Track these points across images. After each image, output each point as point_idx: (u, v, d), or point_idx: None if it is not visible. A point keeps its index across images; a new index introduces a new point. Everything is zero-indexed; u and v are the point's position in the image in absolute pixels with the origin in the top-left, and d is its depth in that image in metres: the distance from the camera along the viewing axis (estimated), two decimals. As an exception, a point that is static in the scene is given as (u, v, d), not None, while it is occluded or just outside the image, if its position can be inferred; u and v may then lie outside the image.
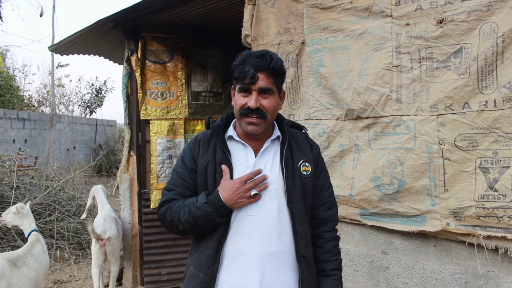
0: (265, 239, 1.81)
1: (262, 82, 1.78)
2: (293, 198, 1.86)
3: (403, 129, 2.82)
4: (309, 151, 1.98)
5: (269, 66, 1.78)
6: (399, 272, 2.96)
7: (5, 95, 14.62)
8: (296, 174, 1.89)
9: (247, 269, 1.80)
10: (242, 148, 1.91)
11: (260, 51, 1.82)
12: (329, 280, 1.95)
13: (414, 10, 2.74)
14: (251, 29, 3.62)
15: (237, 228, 1.82)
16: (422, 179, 2.75)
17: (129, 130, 5.24)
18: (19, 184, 7.08)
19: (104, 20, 4.75)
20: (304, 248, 1.88)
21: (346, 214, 3.16)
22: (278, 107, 1.90)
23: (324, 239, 1.99)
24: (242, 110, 1.80)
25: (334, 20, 3.13)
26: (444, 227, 2.68)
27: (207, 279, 1.81)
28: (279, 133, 1.95)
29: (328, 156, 3.21)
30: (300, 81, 3.37)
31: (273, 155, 1.91)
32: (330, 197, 2.04)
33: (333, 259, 1.98)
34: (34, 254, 3.99)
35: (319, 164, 2.02)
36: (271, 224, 1.83)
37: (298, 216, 1.87)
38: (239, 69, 1.79)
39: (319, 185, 1.99)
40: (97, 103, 19.11)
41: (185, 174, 1.91)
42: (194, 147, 1.94)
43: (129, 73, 5.16)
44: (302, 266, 1.87)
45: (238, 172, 1.85)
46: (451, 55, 2.61)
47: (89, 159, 15.14)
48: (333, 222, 2.03)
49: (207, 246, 1.84)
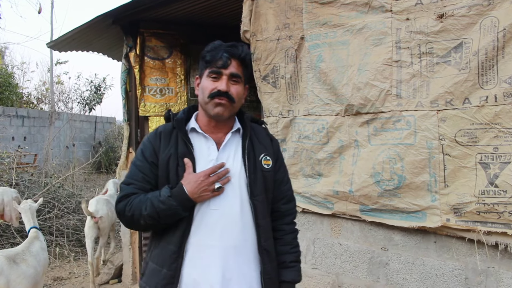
0: (228, 233, 1.82)
1: (233, 68, 1.82)
2: (255, 192, 1.87)
3: (403, 124, 2.80)
4: (269, 145, 2.00)
5: (240, 55, 1.84)
6: (399, 268, 2.95)
7: (4, 93, 14.59)
8: (258, 167, 1.91)
9: (210, 263, 1.80)
10: (204, 141, 1.91)
11: (232, 42, 1.87)
12: (289, 272, 1.98)
13: (414, 4, 2.72)
14: (250, 24, 3.60)
15: (200, 222, 1.82)
16: (422, 175, 2.73)
17: (128, 127, 5.22)
18: (18, 181, 7.09)
19: (102, 16, 4.72)
20: (266, 241, 1.90)
21: (345, 210, 3.15)
22: (243, 98, 1.93)
23: (283, 232, 2.02)
24: (212, 93, 1.82)
25: (334, 15, 3.10)
26: (444, 223, 2.67)
27: (170, 274, 1.80)
28: (239, 126, 1.96)
29: (327, 152, 3.20)
30: (299, 77, 3.35)
31: (235, 148, 1.92)
32: (289, 191, 2.08)
33: (292, 251, 2.01)
34: (33, 251, 3.98)
35: (279, 159, 2.05)
36: (233, 217, 1.84)
37: (260, 209, 1.89)
38: (211, 54, 1.83)
39: (278, 178, 2.01)
40: (96, 100, 19.08)
41: (146, 167, 1.87)
42: (154, 140, 1.91)
43: (128, 70, 5.14)
44: (264, 258, 1.88)
45: (201, 165, 1.84)
46: (452, 50, 2.59)
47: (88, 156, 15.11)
48: (291, 215, 2.07)
49: (170, 241, 1.82)
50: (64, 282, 5.66)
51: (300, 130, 3.35)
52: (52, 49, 6.12)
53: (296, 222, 2.11)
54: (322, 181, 3.25)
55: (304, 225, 3.48)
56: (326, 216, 3.34)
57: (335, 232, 3.31)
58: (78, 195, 7.87)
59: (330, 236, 3.34)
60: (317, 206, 3.33)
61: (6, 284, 3.63)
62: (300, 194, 3.39)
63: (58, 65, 17.34)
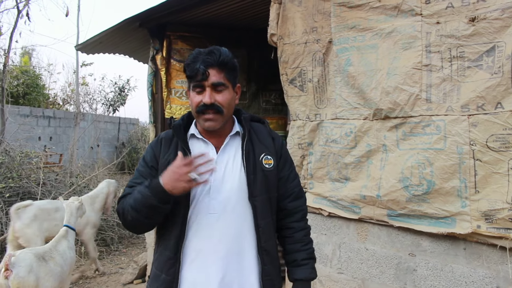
0: (227, 236, 1.82)
1: (214, 77, 1.80)
2: (254, 192, 1.86)
3: (433, 129, 2.77)
4: (271, 144, 1.98)
5: (218, 60, 1.80)
6: (427, 274, 2.91)
7: (31, 93, 14.91)
8: (258, 168, 1.89)
9: (210, 266, 1.81)
10: (203, 146, 1.91)
11: (209, 48, 1.84)
12: (301, 270, 1.96)
13: (445, 8, 2.69)
14: (277, 28, 3.61)
15: (198, 226, 1.83)
16: (452, 180, 2.70)
17: (153, 129, 5.28)
18: (45, 180, 7.20)
19: (130, 19, 4.79)
20: (266, 242, 1.89)
21: (373, 215, 3.13)
22: (234, 101, 1.92)
23: (293, 229, 2.00)
24: (198, 107, 1.82)
25: (362, 19, 3.09)
26: (474, 230, 2.63)
27: (169, 280, 1.82)
28: (238, 129, 1.96)
29: (355, 156, 3.18)
30: (327, 80, 3.34)
31: (235, 150, 1.92)
32: (296, 188, 2.04)
33: (304, 249, 1.98)
34: (60, 250, 4.06)
35: (283, 156, 2.02)
36: (231, 220, 1.84)
37: (260, 210, 1.87)
38: (190, 68, 1.81)
39: (283, 176, 1.99)
40: (120, 101, 19.33)
41: (146, 171, 1.91)
42: (156, 146, 1.95)
43: (154, 72, 5.20)
44: (264, 259, 1.87)
45: None
46: (484, 54, 2.55)
47: (112, 156, 15.32)
48: (301, 212, 2.04)
49: (166, 247, 1.85)
50: (89, 281, 5.73)
51: (328, 134, 3.34)
52: (80, 51, 6.23)
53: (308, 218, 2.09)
54: (349, 185, 3.24)
55: (330, 229, 3.46)
56: (353, 221, 3.32)
57: (362, 236, 3.29)
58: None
59: (357, 240, 3.32)
60: (344, 210, 3.31)
61: (36, 281, 3.70)
62: (326, 198, 3.38)
63: (84, 66, 17.61)
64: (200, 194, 1.84)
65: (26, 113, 13.12)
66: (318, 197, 3.47)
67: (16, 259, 3.65)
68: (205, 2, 4.30)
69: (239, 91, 1.97)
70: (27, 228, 4.90)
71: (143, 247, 6.91)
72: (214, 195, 1.84)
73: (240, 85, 1.98)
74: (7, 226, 5.92)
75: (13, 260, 3.63)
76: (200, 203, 1.84)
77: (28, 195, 6.80)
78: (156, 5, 4.50)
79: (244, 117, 1.98)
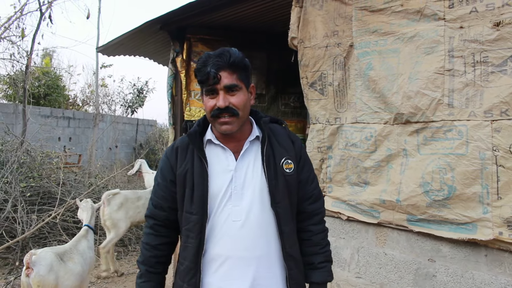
0: (251, 243, 1.80)
1: (226, 80, 1.76)
2: (277, 198, 1.83)
3: (455, 134, 2.75)
4: (290, 147, 1.94)
5: (229, 62, 1.76)
6: (447, 280, 2.89)
7: (52, 94, 15.14)
8: (279, 173, 1.86)
9: (236, 274, 1.79)
10: (221, 152, 1.89)
11: (219, 50, 1.81)
12: (318, 273, 1.94)
13: (469, 12, 2.67)
14: (298, 31, 3.62)
15: (222, 235, 1.81)
16: (474, 186, 2.67)
17: (173, 131, 5.32)
18: (65, 180, 7.30)
19: (151, 21, 4.85)
20: (291, 248, 1.87)
21: (392, 220, 3.11)
22: (249, 102, 1.88)
23: (311, 233, 1.98)
24: (212, 112, 1.79)
25: (384, 23, 3.08)
26: (496, 236, 2.60)
27: None
28: (257, 133, 1.92)
29: (375, 160, 3.17)
30: (347, 84, 3.34)
31: (254, 155, 1.88)
32: (315, 190, 2.02)
33: (321, 252, 1.97)
34: (80, 249, 4.12)
35: (302, 158, 1.98)
36: (255, 227, 1.81)
37: (283, 216, 1.85)
38: (201, 72, 1.78)
39: (303, 179, 1.97)
40: (138, 103, 19.49)
41: (163, 185, 1.92)
42: (171, 155, 1.93)
43: (174, 74, 5.25)
44: (290, 265, 1.86)
45: (219, 177, 1.84)
46: (508, 59, 2.53)
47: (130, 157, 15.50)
48: (319, 215, 2.02)
49: (186, 258, 1.84)
50: (106, 281, 5.79)
51: (347, 137, 3.34)
52: (101, 53, 6.31)
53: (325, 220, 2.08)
54: (369, 190, 3.23)
55: (348, 233, 3.45)
56: (372, 225, 3.31)
57: (381, 241, 3.27)
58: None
59: (375, 245, 3.30)
60: (363, 214, 3.30)
61: (56, 280, 3.76)
62: (345, 202, 3.38)
63: (103, 68, 17.82)
64: (221, 203, 1.82)
65: (46, 114, 13.34)
66: (337, 201, 3.46)
67: (37, 258, 3.71)
68: (226, 5, 4.32)
69: (253, 91, 1.93)
70: (115, 213, 5.80)
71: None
72: (236, 203, 1.81)
73: (254, 85, 1.94)
74: (28, 225, 6.04)
75: (34, 258, 3.70)
76: (222, 212, 1.82)
77: (48, 194, 6.91)
78: (176, 8, 4.54)
79: (264, 120, 1.94)
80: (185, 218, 1.85)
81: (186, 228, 1.84)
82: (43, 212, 6.41)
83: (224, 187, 1.82)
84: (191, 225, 1.82)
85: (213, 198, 1.82)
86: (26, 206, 6.33)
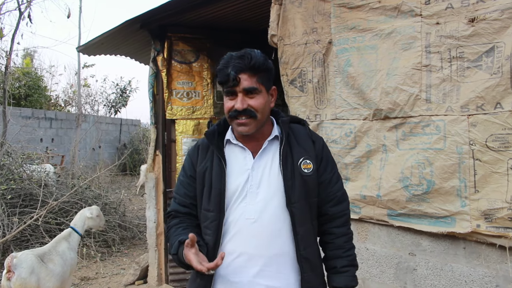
0: (264, 242, 1.80)
1: (245, 82, 1.76)
2: (292, 199, 1.82)
3: (433, 129, 2.78)
4: (310, 147, 1.92)
5: (249, 65, 1.76)
6: (427, 274, 2.92)
7: (33, 95, 14.97)
8: (296, 173, 1.84)
9: (246, 271, 1.80)
10: (240, 151, 1.90)
11: (241, 51, 1.80)
12: (340, 277, 1.90)
13: (445, 8, 2.70)
14: (277, 29, 3.62)
15: (236, 232, 1.82)
16: (452, 180, 2.71)
17: (155, 130, 5.29)
18: (47, 182, 7.22)
19: (131, 20, 4.81)
20: (305, 249, 1.85)
21: (373, 215, 3.14)
22: (269, 104, 1.87)
23: (333, 235, 1.95)
24: (230, 113, 1.80)
25: (362, 20, 3.10)
26: (474, 229, 2.64)
27: (203, 284, 1.84)
28: (277, 132, 1.92)
29: (355, 156, 3.19)
30: (326, 81, 3.35)
31: (272, 155, 1.88)
32: (339, 192, 1.98)
33: (345, 255, 1.92)
34: (59, 250, 4.08)
35: (324, 159, 1.95)
36: (270, 226, 1.81)
37: (298, 217, 1.83)
38: (221, 73, 1.78)
39: (324, 180, 1.93)
40: (121, 103, 19.40)
41: (185, 182, 1.95)
42: (193, 154, 1.97)
43: (155, 73, 5.21)
44: (304, 267, 1.84)
45: (236, 176, 1.85)
46: (483, 55, 2.56)
47: (113, 158, 15.37)
48: (343, 218, 1.98)
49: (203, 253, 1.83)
50: (91, 282, 5.75)
51: (328, 134, 3.35)
52: (82, 53, 6.25)
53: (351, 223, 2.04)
54: (349, 186, 3.25)
55: (330, 229, 3.47)
56: (353, 221, 3.31)
57: (362, 236, 3.30)
58: (105, 196, 8.00)
59: (357, 240, 3.33)
60: (344, 210, 3.32)
61: (37, 282, 3.73)
62: (326, 198, 3.40)
63: (85, 68, 17.70)
64: (236, 200, 1.83)
65: (28, 115, 13.19)
66: (319, 197, 3.47)
67: (18, 261, 3.67)
68: (204, 4, 4.31)
69: (274, 93, 1.91)
70: None
71: (145, 248, 6.92)
72: (250, 201, 1.82)
73: (275, 88, 1.93)
74: (9, 228, 5.96)
75: (15, 261, 3.66)
76: (236, 209, 1.83)
77: (30, 196, 6.82)
78: (156, 7, 4.51)
79: (282, 120, 1.92)
80: (203, 216, 1.88)
81: (204, 226, 1.87)
82: (25, 215, 6.33)
83: (240, 186, 1.84)
84: (208, 222, 1.85)
85: (230, 197, 1.84)
86: (7, 208, 6.24)
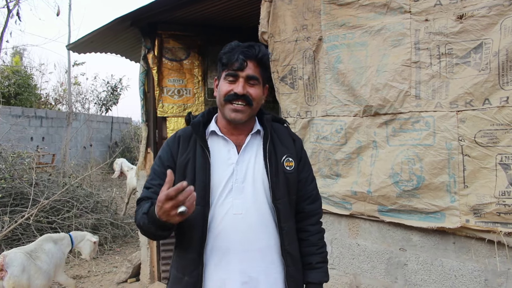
0: (251, 237, 1.82)
1: (250, 70, 1.80)
2: (277, 195, 1.85)
3: (422, 125, 2.80)
4: (291, 146, 1.97)
5: (257, 56, 1.80)
6: (417, 269, 2.95)
7: (23, 94, 14.84)
8: (280, 170, 1.88)
9: (236, 266, 1.80)
10: (224, 144, 1.90)
11: (249, 43, 1.84)
12: (315, 273, 1.96)
13: (433, 5, 2.72)
14: (268, 26, 3.62)
15: (223, 227, 1.81)
16: (441, 176, 2.73)
17: (146, 127, 5.27)
18: (38, 181, 7.18)
19: (121, 18, 4.78)
20: (289, 244, 1.89)
21: (364, 211, 3.16)
22: (262, 99, 1.91)
23: (308, 233, 2.00)
24: (227, 96, 1.80)
25: (352, 17, 3.11)
26: (463, 224, 2.66)
27: (192, 282, 1.81)
28: (259, 127, 1.94)
29: (345, 152, 3.21)
30: (317, 78, 3.36)
31: (256, 150, 1.90)
32: (314, 191, 2.04)
33: (318, 252, 1.98)
34: (45, 249, 4.11)
35: (302, 158, 2.01)
36: (256, 221, 1.83)
37: (283, 213, 1.87)
38: (228, 56, 1.80)
39: (302, 179, 1.99)
40: (112, 100, 19.29)
41: (162, 172, 1.84)
42: (173, 144, 1.91)
43: (146, 71, 5.19)
44: (287, 261, 1.88)
45: (220, 168, 1.84)
46: (471, 51, 2.58)
47: (105, 156, 15.31)
48: (317, 216, 2.05)
49: (188, 249, 1.83)
50: (83, 280, 5.74)
51: (318, 131, 3.36)
52: (72, 51, 6.20)
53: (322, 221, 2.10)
54: (340, 182, 3.27)
55: (322, 226, 3.49)
56: (344, 217, 3.35)
57: (353, 232, 3.32)
58: (96, 194, 7.97)
59: (348, 236, 3.35)
60: (335, 206, 3.34)
61: (28, 279, 3.73)
62: (318, 194, 3.41)
63: (76, 66, 17.55)
64: (222, 195, 1.82)
65: (18, 114, 13.08)
66: (310, 193, 3.49)
67: (9, 259, 3.66)
68: (193, 2, 4.29)
69: (266, 92, 1.95)
70: None
71: (137, 246, 6.92)
72: (236, 195, 1.82)
73: (268, 86, 1.96)
74: (0, 227, 5.92)
75: (7, 260, 3.65)
76: (223, 204, 1.82)
77: (20, 195, 6.79)
78: (146, 5, 4.49)
79: (266, 118, 1.96)
80: None
81: (188, 219, 1.77)
82: (16, 214, 6.30)
83: (225, 180, 1.83)
84: (193, 215, 1.75)
85: (214, 190, 1.82)
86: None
